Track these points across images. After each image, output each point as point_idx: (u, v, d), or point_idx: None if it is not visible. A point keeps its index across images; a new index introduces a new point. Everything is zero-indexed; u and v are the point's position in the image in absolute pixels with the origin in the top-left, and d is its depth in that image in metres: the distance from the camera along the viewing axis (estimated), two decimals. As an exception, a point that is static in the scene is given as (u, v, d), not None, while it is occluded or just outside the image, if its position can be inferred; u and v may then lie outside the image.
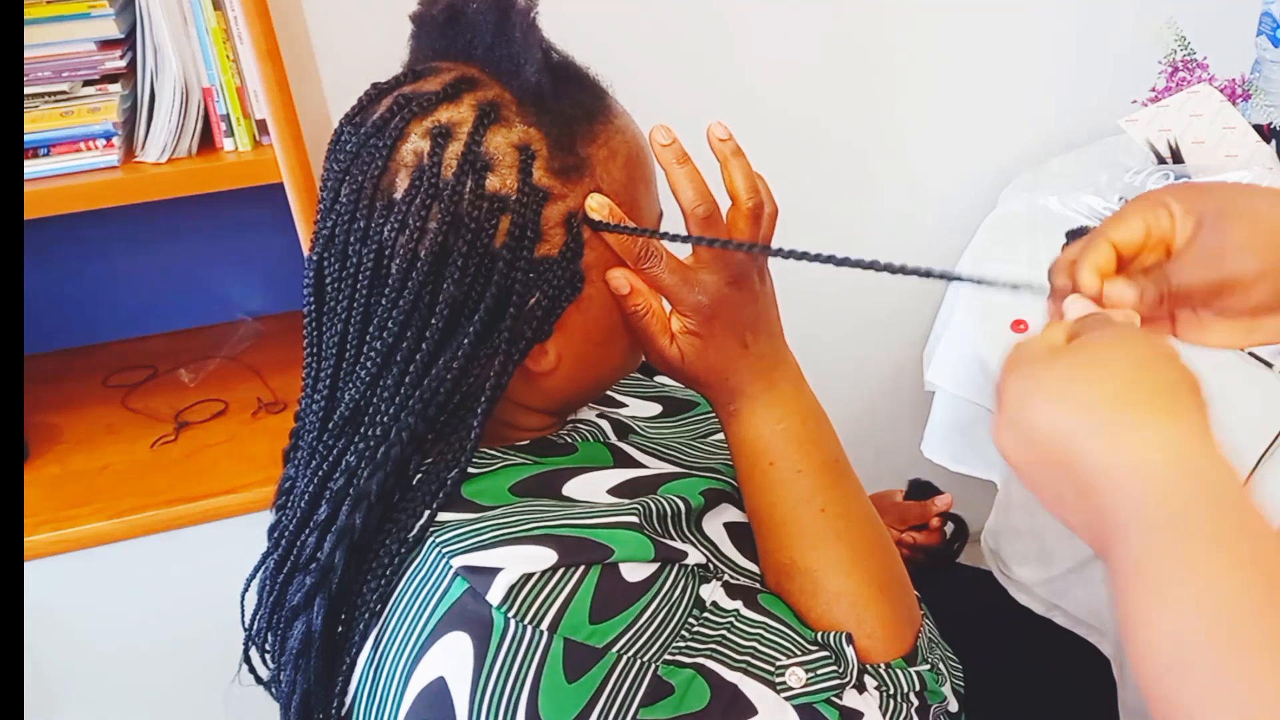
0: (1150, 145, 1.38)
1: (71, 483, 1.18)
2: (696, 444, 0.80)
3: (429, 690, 0.57)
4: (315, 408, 0.64)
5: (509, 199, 0.60)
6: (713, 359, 0.66)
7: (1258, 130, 1.35)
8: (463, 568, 0.59)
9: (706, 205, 0.63)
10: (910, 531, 0.99)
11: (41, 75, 1.05)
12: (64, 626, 1.18)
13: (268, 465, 1.18)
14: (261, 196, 1.12)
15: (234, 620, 0.71)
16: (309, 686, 0.64)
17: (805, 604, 0.67)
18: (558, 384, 0.67)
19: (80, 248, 1.37)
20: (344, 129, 0.63)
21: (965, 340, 1.27)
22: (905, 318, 1.68)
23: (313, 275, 0.64)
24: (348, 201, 0.61)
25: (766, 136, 1.47)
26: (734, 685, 0.60)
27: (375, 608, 0.62)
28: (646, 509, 0.65)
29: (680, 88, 1.35)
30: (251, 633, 0.69)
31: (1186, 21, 1.42)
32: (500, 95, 0.62)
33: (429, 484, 0.63)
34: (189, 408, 1.29)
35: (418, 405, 0.61)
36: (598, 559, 0.59)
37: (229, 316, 1.46)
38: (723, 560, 0.70)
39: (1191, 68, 1.42)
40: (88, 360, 1.40)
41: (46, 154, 1.05)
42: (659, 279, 0.64)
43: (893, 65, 1.51)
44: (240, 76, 1.07)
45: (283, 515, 0.67)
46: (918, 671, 0.67)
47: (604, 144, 0.64)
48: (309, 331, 0.65)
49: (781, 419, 0.68)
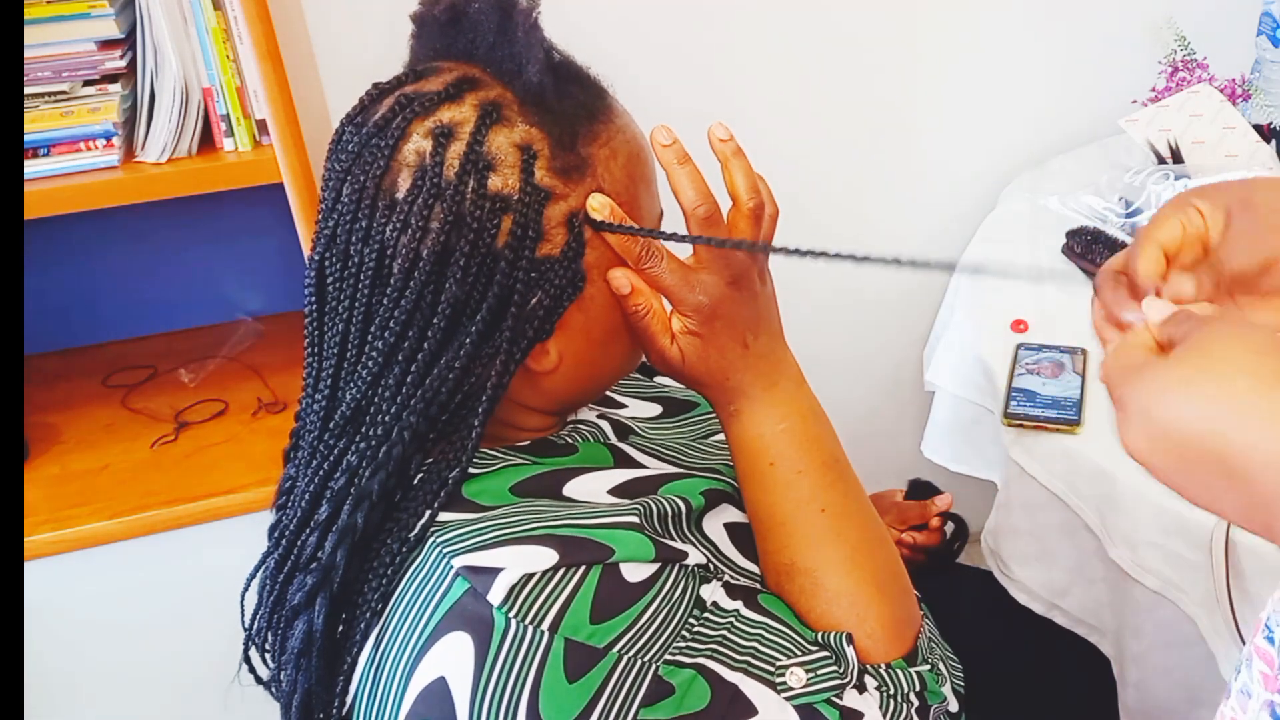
0: (1150, 145, 1.38)
1: (71, 483, 1.18)
2: (696, 444, 0.80)
3: (430, 690, 0.57)
4: (316, 407, 0.64)
5: (511, 199, 0.60)
6: (713, 359, 0.66)
7: (1258, 130, 1.35)
8: (464, 568, 0.59)
9: (707, 206, 0.63)
10: (910, 531, 0.99)
11: (41, 75, 1.05)
12: (64, 626, 1.18)
13: (268, 465, 1.18)
14: (261, 196, 1.12)
15: (234, 620, 0.71)
16: (310, 686, 0.64)
17: (805, 604, 0.67)
18: (559, 384, 0.67)
19: (80, 248, 1.37)
20: (345, 129, 0.63)
21: (965, 340, 1.27)
22: (905, 318, 1.68)
23: (314, 275, 0.64)
24: (349, 201, 0.61)
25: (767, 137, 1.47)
26: (734, 685, 0.60)
27: (376, 607, 0.62)
28: (647, 509, 0.65)
29: (681, 88, 1.35)
30: (251, 632, 0.69)
31: (1186, 21, 1.43)
32: (502, 95, 0.62)
33: (430, 483, 0.63)
34: (189, 408, 1.29)
35: (419, 405, 0.61)
36: (598, 559, 0.59)
37: (229, 316, 1.46)
38: (723, 560, 0.70)
39: (1191, 68, 1.42)
40: (88, 360, 1.40)
41: (46, 154, 1.05)
42: (660, 279, 0.64)
43: (893, 66, 1.51)
44: (240, 76, 1.07)
45: (283, 515, 0.67)
46: (918, 672, 0.67)
47: (605, 143, 0.64)
48: (310, 331, 0.65)
49: (782, 419, 0.68)
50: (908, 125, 1.56)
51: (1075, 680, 1.07)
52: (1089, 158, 1.54)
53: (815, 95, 1.50)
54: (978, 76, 1.54)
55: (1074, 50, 1.56)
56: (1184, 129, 1.37)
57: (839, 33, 1.46)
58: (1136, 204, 1.34)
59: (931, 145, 1.58)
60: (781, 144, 1.51)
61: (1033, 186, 1.50)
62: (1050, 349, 1.15)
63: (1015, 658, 1.06)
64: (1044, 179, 1.52)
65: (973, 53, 1.52)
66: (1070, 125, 1.59)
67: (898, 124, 1.56)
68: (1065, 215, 1.40)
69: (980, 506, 1.16)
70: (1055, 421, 1.06)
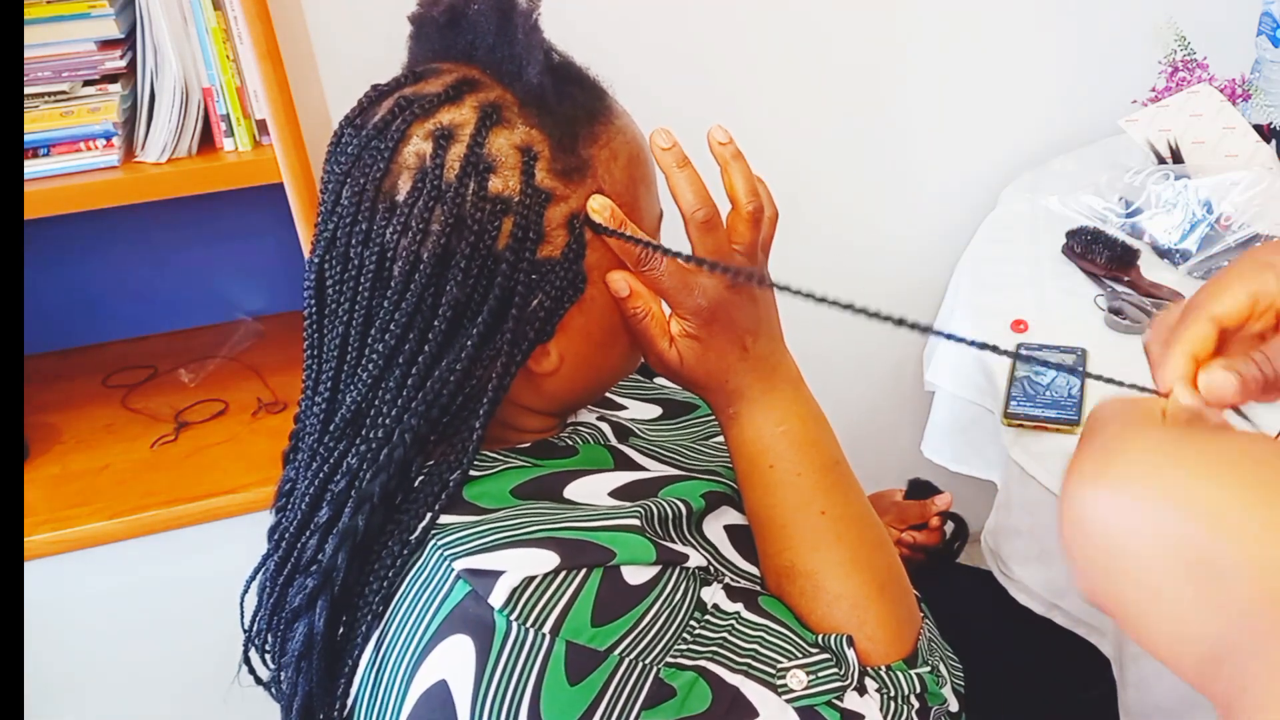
0: (1150, 145, 1.38)
1: (71, 483, 1.18)
2: (696, 446, 0.80)
3: (431, 693, 0.57)
4: (316, 410, 0.64)
5: (512, 201, 0.60)
6: (712, 362, 0.66)
7: (1258, 130, 1.35)
8: (465, 570, 0.59)
9: (706, 209, 0.62)
10: (910, 531, 0.99)
11: (41, 75, 1.05)
12: (64, 626, 1.18)
13: (268, 465, 1.18)
14: (261, 196, 1.12)
15: (234, 620, 0.71)
16: (310, 689, 0.64)
17: (806, 606, 0.67)
18: (560, 385, 0.67)
19: (80, 248, 1.37)
20: (344, 131, 0.63)
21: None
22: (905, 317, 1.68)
23: (313, 278, 0.63)
24: (349, 204, 0.61)
25: (766, 139, 1.47)
26: (735, 688, 0.60)
27: (377, 610, 0.62)
28: (648, 511, 0.65)
29: (680, 90, 1.35)
30: (251, 634, 0.69)
31: (1186, 21, 1.42)
32: (502, 97, 0.62)
33: (431, 486, 0.63)
34: (189, 408, 1.29)
35: (420, 407, 0.61)
36: (599, 562, 0.59)
37: (229, 316, 1.46)
38: (723, 563, 0.70)
39: (1191, 68, 1.42)
40: (88, 360, 1.40)
41: (46, 154, 1.05)
42: (659, 281, 0.64)
43: (893, 66, 1.51)
44: (240, 76, 1.07)
45: (283, 517, 0.67)
46: (918, 674, 0.67)
47: (605, 145, 0.64)
48: (309, 334, 0.65)
49: (781, 422, 0.68)
50: (908, 126, 1.56)
51: (1075, 680, 1.07)
52: (1089, 158, 1.54)
53: (815, 97, 1.50)
54: (978, 77, 1.54)
55: (1074, 50, 1.56)
56: (1184, 129, 1.37)
57: (839, 34, 1.46)
58: (1136, 204, 1.34)
59: (932, 145, 1.58)
60: (781, 146, 1.51)
61: (1033, 186, 1.50)
62: (1050, 349, 1.15)
63: (1015, 658, 1.06)
64: (1044, 179, 1.52)
65: (973, 53, 1.52)
66: (1070, 125, 1.59)
67: (898, 125, 1.55)
68: (1065, 215, 1.40)
69: (980, 506, 1.16)
70: (1055, 421, 1.06)
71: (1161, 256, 1.30)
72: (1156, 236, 1.30)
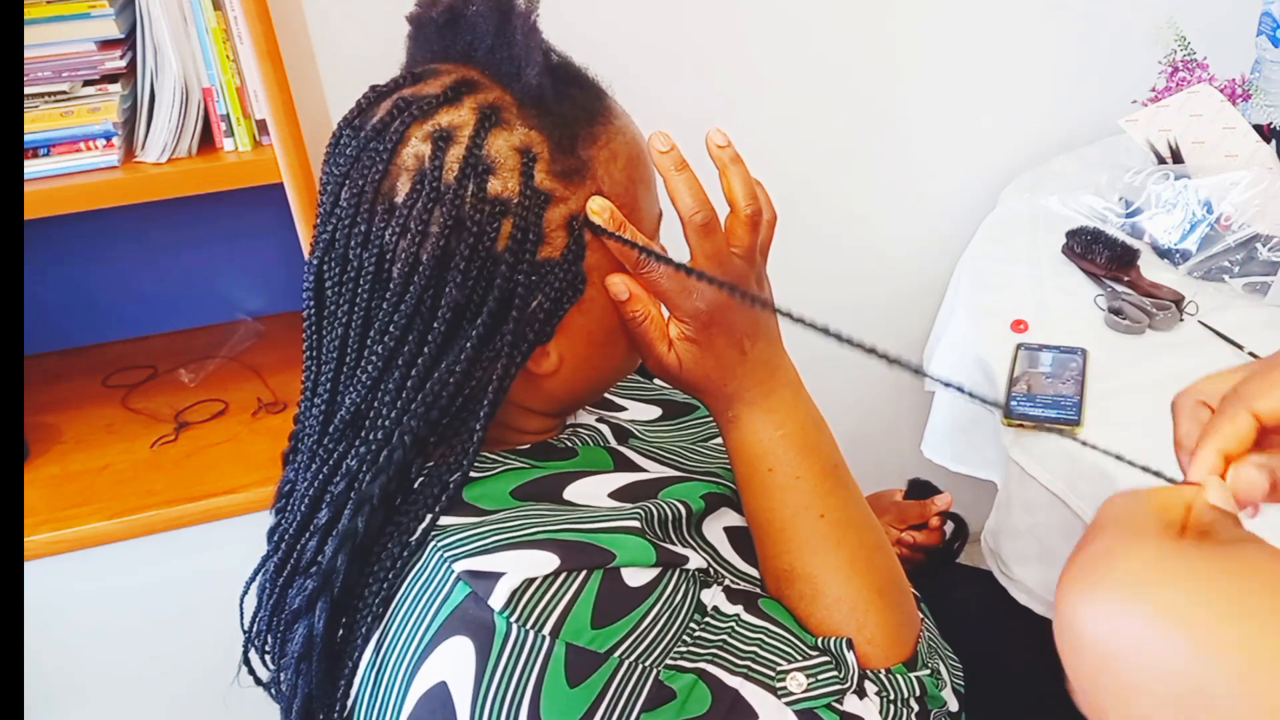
0: (1150, 145, 1.38)
1: (71, 483, 1.18)
2: (696, 448, 0.80)
3: (431, 695, 0.57)
4: (315, 411, 0.64)
5: (511, 202, 0.60)
6: (710, 366, 0.66)
7: (1258, 130, 1.35)
8: (465, 572, 0.59)
9: (704, 212, 0.62)
10: (910, 531, 0.99)
11: (41, 75, 1.05)
12: (64, 626, 1.18)
13: (268, 465, 1.18)
14: (261, 196, 1.12)
15: (234, 621, 0.71)
16: (310, 690, 0.64)
17: (805, 609, 0.67)
18: (559, 386, 0.67)
19: (80, 248, 1.37)
20: (343, 132, 0.63)
21: (965, 340, 1.27)
22: (905, 318, 1.68)
23: (312, 280, 0.63)
24: (348, 206, 0.61)
25: (766, 138, 1.47)
26: (735, 690, 0.60)
27: (377, 611, 0.62)
28: (647, 513, 0.65)
29: (680, 91, 1.35)
30: (251, 635, 0.69)
31: (1186, 21, 1.42)
32: (501, 98, 0.61)
33: (431, 487, 0.63)
34: (189, 408, 1.29)
35: (419, 409, 0.61)
36: (599, 563, 0.59)
37: (229, 316, 1.46)
38: (723, 565, 0.70)
39: (1191, 68, 1.42)
40: (88, 360, 1.40)
41: (46, 154, 1.05)
42: (657, 284, 0.64)
43: (893, 65, 1.51)
44: (240, 76, 1.07)
45: (282, 519, 0.67)
46: (918, 677, 0.67)
47: (605, 146, 0.64)
48: (309, 336, 0.65)
49: (780, 425, 0.68)
50: (908, 126, 1.56)
51: (1075, 681, 1.07)
52: (1089, 158, 1.54)
53: (815, 98, 1.50)
54: (978, 77, 1.54)
55: (1074, 50, 1.56)
56: (1184, 129, 1.37)
57: (839, 35, 1.46)
58: (1137, 204, 1.34)
59: (932, 145, 1.58)
60: (780, 146, 1.51)
61: (1033, 186, 1.50)
62: (1050, 349, 1.15)
63: (1015, 658, 1.05)
64: (1044, 179, 1.52)
65: (973, 53, 1.52)
66: (1070, 125, 1.59)
67: (898, 125, 1.55)
68: (1065, 215, 1.40)
69: (980, 506, 1.16)
70: (1055, 421, 1.06)
71: (1161, 256, 1.30)
72: (1156, 236, 1.30)
